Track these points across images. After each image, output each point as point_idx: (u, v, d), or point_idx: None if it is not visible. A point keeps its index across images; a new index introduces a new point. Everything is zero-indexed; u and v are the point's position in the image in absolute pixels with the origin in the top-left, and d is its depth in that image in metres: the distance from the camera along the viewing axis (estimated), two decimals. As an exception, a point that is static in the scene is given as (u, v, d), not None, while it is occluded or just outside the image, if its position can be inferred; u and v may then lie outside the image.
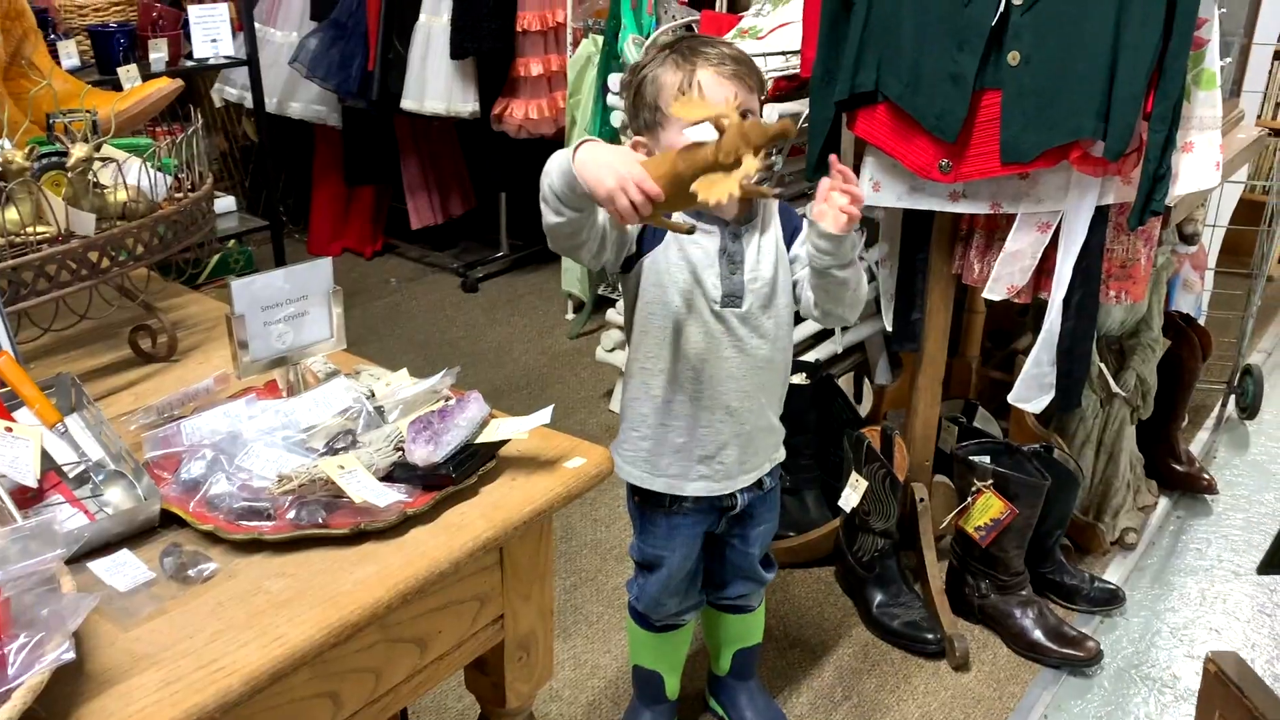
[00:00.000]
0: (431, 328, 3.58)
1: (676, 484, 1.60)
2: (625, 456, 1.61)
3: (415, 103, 3.43)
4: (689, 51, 1.43)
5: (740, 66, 1.42)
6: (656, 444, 1.58)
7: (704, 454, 1.58)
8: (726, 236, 1.49)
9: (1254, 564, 2.44)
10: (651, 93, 1.44)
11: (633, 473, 1.62)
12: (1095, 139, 1.76)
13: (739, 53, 1.45)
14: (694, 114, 1.18)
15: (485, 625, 1.09)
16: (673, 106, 1.27)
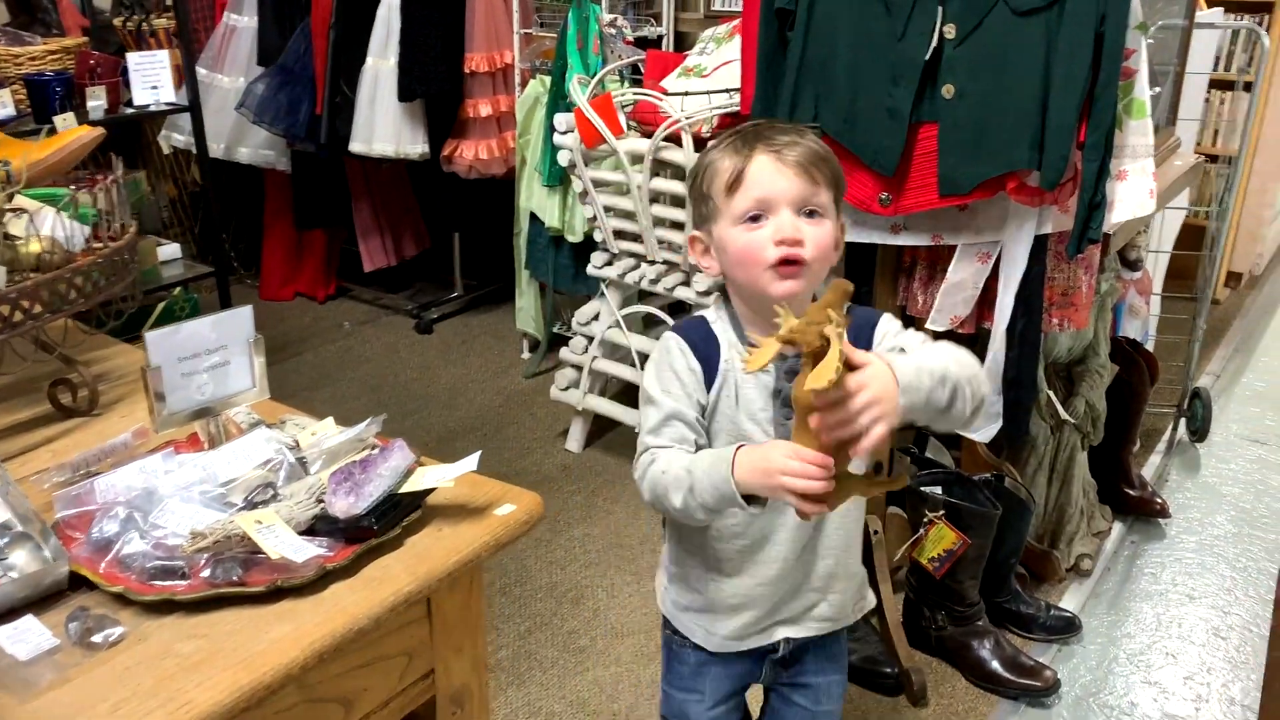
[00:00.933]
0: (385, 370, 3.55)
1: (719, 642, 1.35)
2: (667, 594, 1.39)
3: (364, 145, 3.41)
4: (753, 136, 1.21)
5: (809, 157, 1.18)
6: (707, 602, 1.34)
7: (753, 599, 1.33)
8: (781, 374, 1.22)
9: (1207, 586, 2.45)
10: (707, 180, 1.22)
11: (677, 616, 1.38)
12: (1031, 169, 1.78)
13: (815, 146, 1.20)
14: (763, 360, 1.04)
15: (415, 681, 1.06)
16: (743, 368, 1.15)
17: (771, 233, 1.17)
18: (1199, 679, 2.19)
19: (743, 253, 1.19)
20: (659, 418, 1.21)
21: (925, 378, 1.06)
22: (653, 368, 1.25)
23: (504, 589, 2.44)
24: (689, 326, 1.27)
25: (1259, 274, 4.29)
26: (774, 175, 1.18)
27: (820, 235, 1.18)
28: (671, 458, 1.19)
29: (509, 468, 2.94)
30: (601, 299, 2.90)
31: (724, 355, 1.23)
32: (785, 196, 1.17)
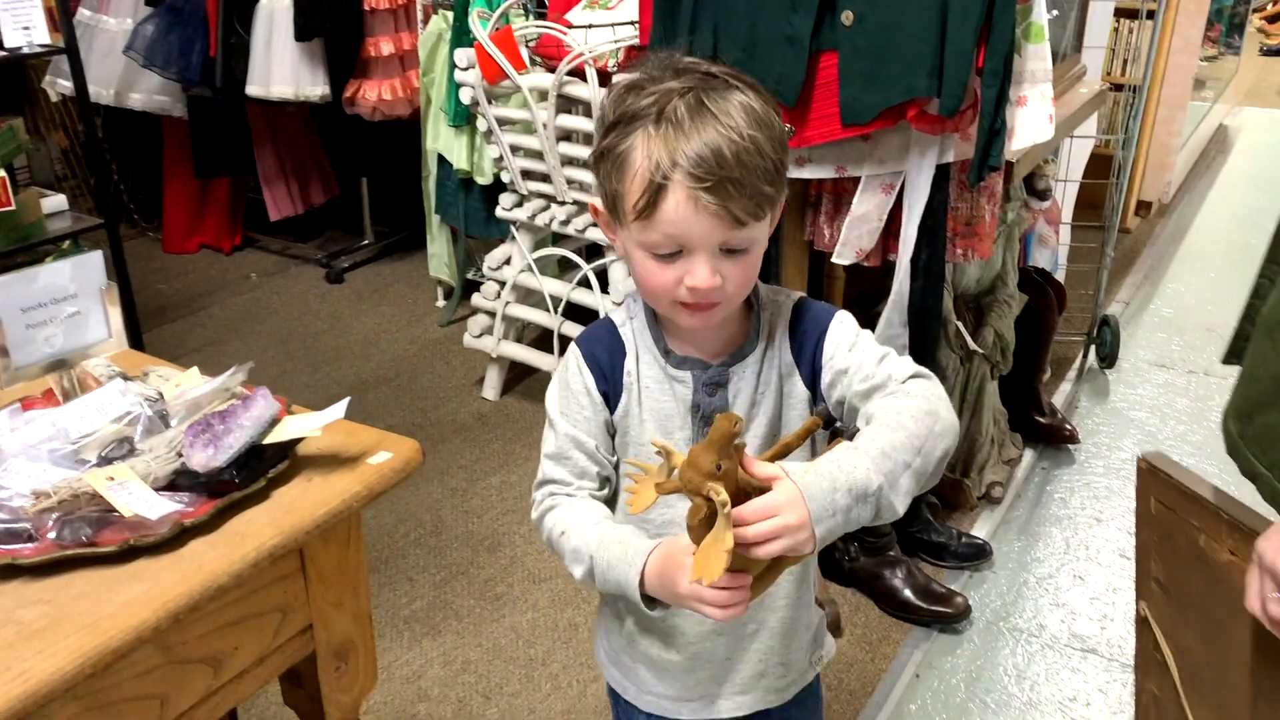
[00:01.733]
0: (294, 323, 3.45)
1: (671, 705, 1.19)
2: (606, 652, 1.24)
3: (261, 88, 3.28)
4: (674, 131, 0.94)
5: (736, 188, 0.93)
6: (629, 645, 1.18)
7: (704, 674, 1.17)
8: (700, 388, 1.06)
9: (1114, 509, 2.50)
10: (615, 176, 0.98)
11: (613, 674, 1.23)
12: (930, 97, 1.76)
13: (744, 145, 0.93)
14: (643, 505, 0.92)
15: (291, 637, 1.02)
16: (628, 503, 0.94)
17: (683, 275, 0.97)
18: (1105, 599, 2.24)
19: (648, 283, 1.01)
20: (556, 444, 1.08)
21: (842, 498, 0.89)
22: (555, 381, 1.11)
23: (418, 540, 2.41)
24: (593, 337, 1.10)
25: (1168, 202, 4.35)
26: (690, 218, 0.94)
27: (743, 270, 0.99)
28: (572, 518, 1.04)
29: (424, 418, 2.88)
30: (512, 242, 2.84)
31: (628, 366, 1.08)
32: (703, 241, 0.96)
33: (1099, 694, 1.99)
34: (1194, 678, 1.17)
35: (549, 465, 1.08)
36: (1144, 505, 1.21)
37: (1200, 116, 4.83)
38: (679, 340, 1.07)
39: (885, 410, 0.97)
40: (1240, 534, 1.02)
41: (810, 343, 1.07)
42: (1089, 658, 2.07)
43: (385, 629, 2.14)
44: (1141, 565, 1.24)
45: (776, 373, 1.07)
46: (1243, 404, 1.04)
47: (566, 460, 1.07)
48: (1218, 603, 1.09)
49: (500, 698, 1.97)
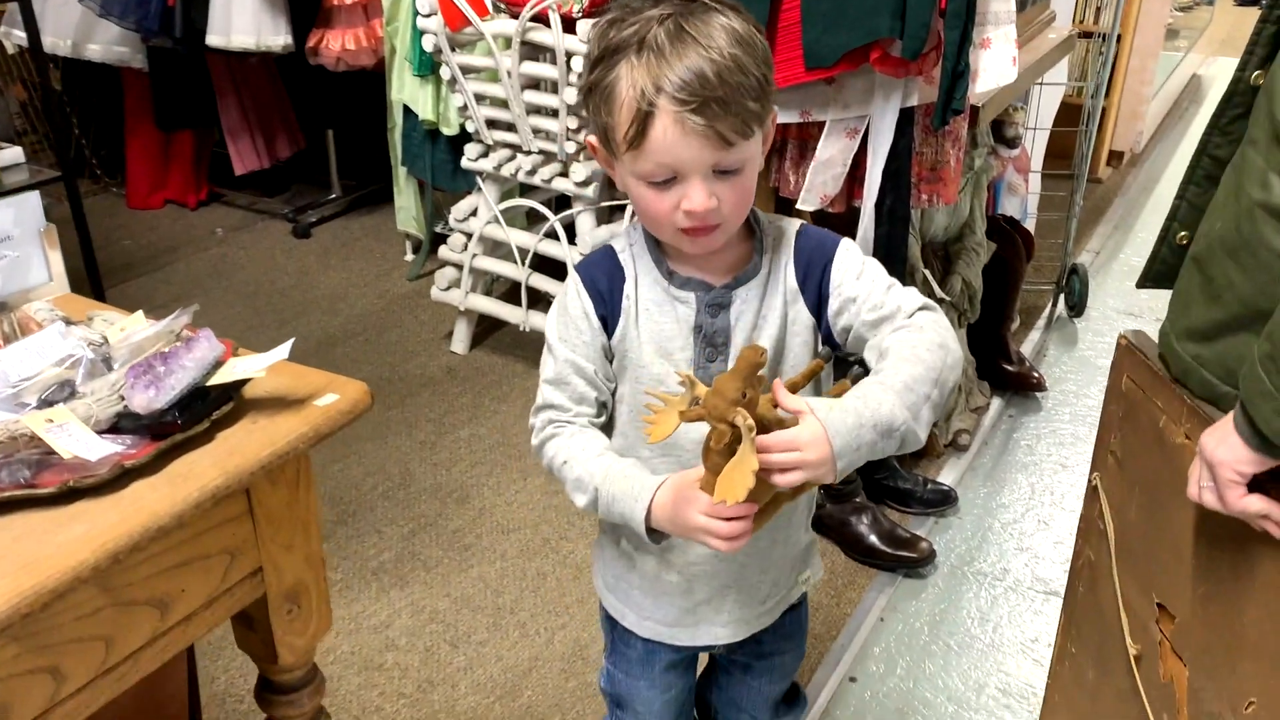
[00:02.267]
0: (261, 278, 3.41)
1: (667, 632, 1.22)
2: (605, 580, 1.26)
3: (221, 38, 3.21)
4: (656, 58, 0.94)
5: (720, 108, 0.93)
6: (627, 570, 1.20)
7: (701, 599, 1.19)
8: (703, 309, 1.06)
9: (1080, 455, 2.53)
10: (604, 109, 0.99)
11: (612, 601, 1.25)
12: (893, 38, 1.74)
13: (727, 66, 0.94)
14: (665, 432, 0.93)
15: (241, 580, 1.01)
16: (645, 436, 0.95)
17: (680, 200, 0.98)
18: (1069, 543, 2.23)
19: (647, 212, 1.02)
20: (555, 370, 1.09)
21: (868, 433, 0.91)
22: (555, 307, 1.12)
23: (387, 493, 2.40)
24: (591, 263, 1.11)
25: (1139, 152, 4.36)
26: (680, 142, 0.95)
27: (738, 192, 1.00)
28: (574, 449, 1.06)
29: (392, 372, 2.87)
30: (479, 193, 2.81)
31: (628, 290, 1.08)
32: (696, 165, 0.96)
33: (1061, 635, 2.02)
34: (1128, 547, 1.23)
35: (548, 390, 1.10)
36: (1116, 380, 1.25)
37: (1173, 66, 4.82)
38: (682, 263, 1.08)
39: (901, 344, 0.99)
40: (1197, 419, 1.06)
41: (817, 269, 1.07)
42: (1051, 600, 2.10)
43: (353, 580, 2.14)
44: (1102, 437, 1.29)
45: (781, 298, 1.07)
46: (1202, 326, 1.05)
47: (565, 385, 1.09)
48: (1164, 482, 1.14)
49: (468, 646, 1.98)
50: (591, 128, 1.05)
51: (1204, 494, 0.99)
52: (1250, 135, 1.01)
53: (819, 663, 1.95)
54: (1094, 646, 1.35)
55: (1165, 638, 1.16)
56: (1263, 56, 1.07)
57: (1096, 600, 1.33)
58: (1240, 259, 0.98)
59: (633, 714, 1.32)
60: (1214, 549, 1.07)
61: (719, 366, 1.07)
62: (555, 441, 1.08)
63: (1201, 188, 1.15)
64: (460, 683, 1.90)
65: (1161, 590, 1.17)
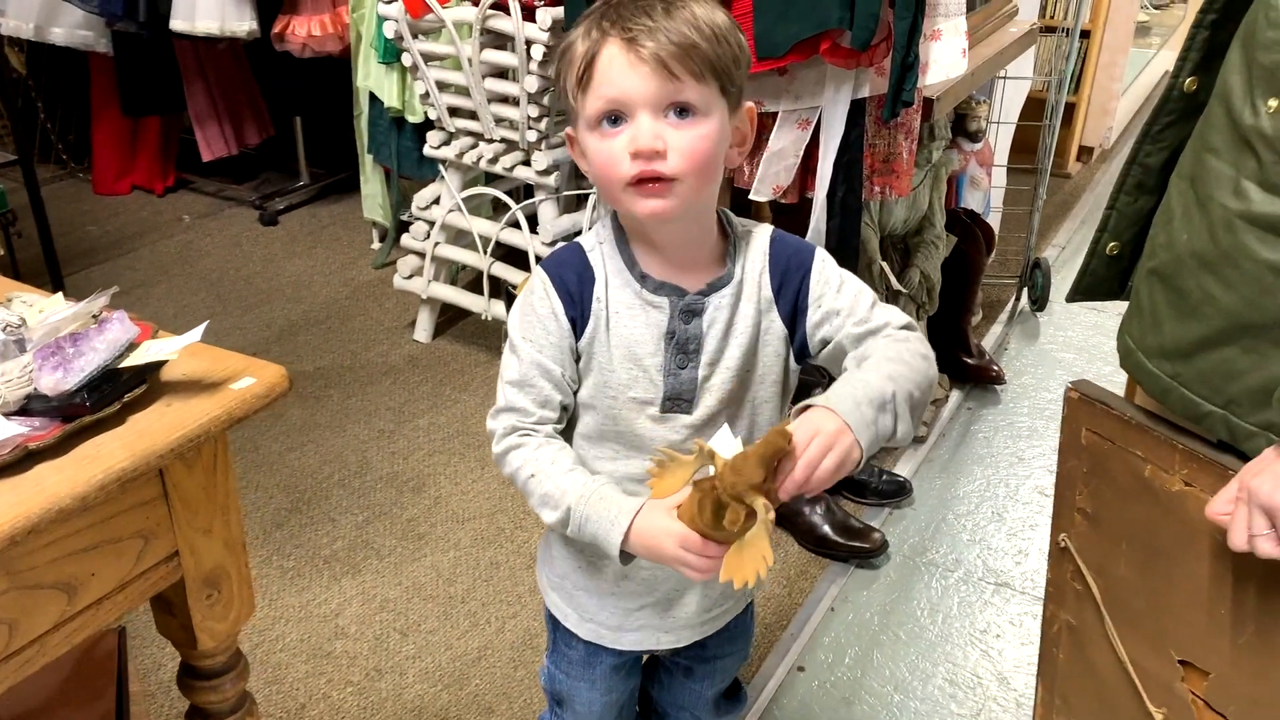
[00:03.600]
0: (226, 265, 3.39)
1: (609, 635, 1.20)
2: (549, 579, 1.23)
3: (186, 23, 3.18)
4: (614, 13, 0.96)
5: (674, 44, 0.93)
6: (573, 570, 1.18)
7: (647, 603, 1.17)
8: (677, 314, 1.04)
9: (1036, 449, 2.54)
10: (563, 70, 1.00)
11: (555, 600, 1.23)
12: (843, 29, 1.74)
13: (686, 29, 0.94)
14: (669, 490, 0.93)
15: (156, 564, 1.01)
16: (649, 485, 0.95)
17: (627, 141, 0.96)
18: (1022, 535, 2.28)
19: (599, 166, 0.99)
20: (520, 371, 1.05)
21: (866, 409, 0.92)
22: (519, 305, 1.07)
23: (342, 481, 2.39)
24: (560, 261, 1.07)
25: (1109, 148, 4.37)
26: (624, 71, 0.94)
27: (692, 141, 0.96)
28: (542, 462, 1.03)
29: (353, 360, 2.86)
30: (441, 181, 2.80)
31: (597, 292, 1.04)
32: (640, 97, 0.94)
33: (1011, 626, 2.03)
34: (1124, 606, 1.16)
35: (511, 392, 1.06)
36: (1072, 436, 1.19)
37: (1145, 63, 4.84)
38: (655, 264, 1.05)
39: (884, 348, 1.00)
40: (1197, 463, 1.00)
41: (794, 279, 1.06)
42: (1002, 591, 2.11)
43: (305, 568, 2.14)
44: (1064, 496, 1.23)
45: (754, 306, 1.05)
46: (1179, 343, 1.00)
47: (530, 388, 1.05)
48: (1163, 533, 1.07)
49: (418, 635, 1.98)
50: (568, 114, 1.04)
51: (1258, 543, 0.91)
52: (1206, 143, 0.98)
53: (768, 652, 1.96)
54: (1094, 716, 1.27)
55: (1198, 696, 1.08)
56: (1195, 62, 1.05)
57: (1089, 666, 1.25)
58: (1220, 272, 0.94)
59: (572, 713, 1.30)
60: (1252, 593, 0.99)
61: (689, 374, 1.05)
62: (520, 452, 1.05)
63: (1132, 196, 1.13)
64: (408, 671, 1.90)
65: (1184, 647, 1.09)
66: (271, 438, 2.51)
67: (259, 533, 2.23)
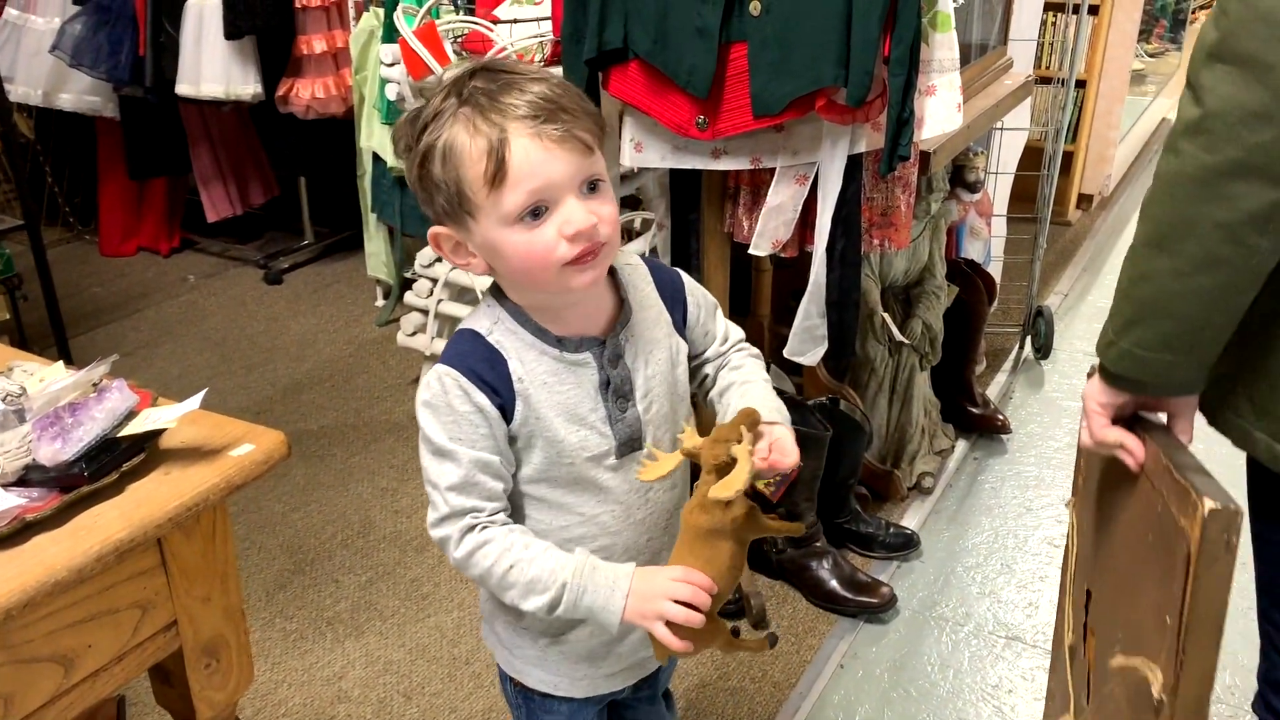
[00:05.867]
0: (230, 324, 3.41)
1: (590, 684, 1.20)
2: (526, 657, 1.19)
3: (191, 87, 3.23)
4: (487, 101, 0.94)
5: (568, 119, 0.95)
6: (560, 655, 1.17)
7: (628, 649, 1.18)
8: (605, 363, 1.05)
9: (1044, 499, 2.52)
10: (447, 170, 0.96)
11: (540, 676, 1.19)
12: (838, 86, 1.76)
13: (557, 94, 0.96)
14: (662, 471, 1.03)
15: (154, 634, 1.00)
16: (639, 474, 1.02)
17: (560, 227, 0.96)
18: (1032, 587, 2.25)
19: (528, 258, 0.97)
20: (461, 474, 1.01)
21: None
22: (428, 411, 1.02)
23: (346, 541, 2.38)
24: (463, 354, 1.03)
25: (1108, 195, 4.39)
26: (545, 160, 0.93)
27: (609, 209, 0.99)
28: (519, 550, 1.01)
29: (357, 418, 2.85)
30: (444, 239, 2.81)
31: (515, 371, 1.02)
32: (566, 181, 0.95)
33: (1023, 681, 2.00)
34: (1082, 560, 1.30)
35: (455, 498, 1.02)
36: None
37: (1141, 111, 4.88)
38: (563, 324, 1.05)
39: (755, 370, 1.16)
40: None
41: (679, 302, 1.14)
42: (1013, 645, 2.08)
43: (308, 630, 2.12)
44: (1078, 463, 1.31)
45: (661, 330, 1.10)
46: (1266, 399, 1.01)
47: (475, 487, 1.02)
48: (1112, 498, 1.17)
49: (421, 697, 1.95)
50: (433, 213, 1.01)
51: (1081, 434, 1.10)
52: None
53: (777, 710, 1.92)
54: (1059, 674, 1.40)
55: (1086, 618, 1.24)
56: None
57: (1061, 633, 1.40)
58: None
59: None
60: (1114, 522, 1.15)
61: (631, 414, 1.07)
62: (489, 548, 1.01)
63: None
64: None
65: (1090, 578, 1.25)
66: (275, 498, 2.50)
67: (262, 595, 2.21)
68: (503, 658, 1.22)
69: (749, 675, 1.99)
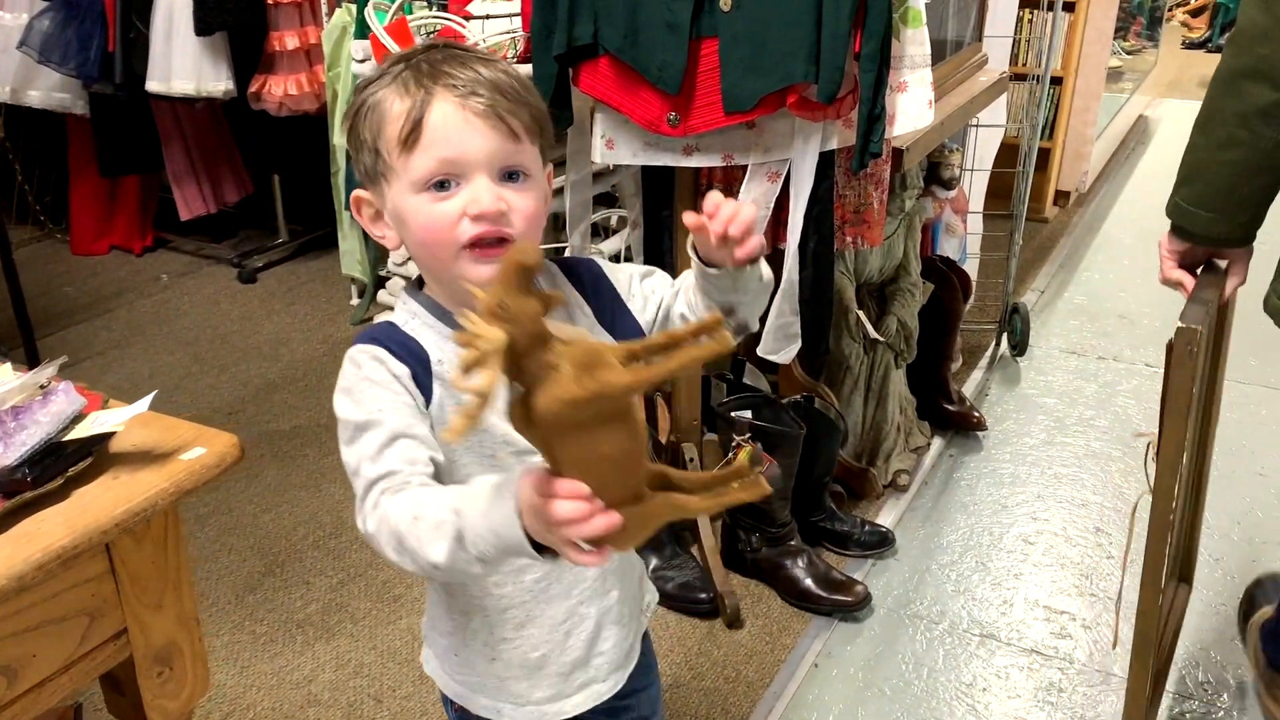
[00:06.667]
0: (203, 323, 3.37)
1: (536, 711, 1.11)
2: (468, 684, 1.12)
3: (162, 84, 3.20)
4: (428, 68, 0.92)
5: (504, 100, 0.92)
6: (504, 666, 1.09)
7: (577, 657, 1.11)
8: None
9: (1019, 496, 2.52)
10: (370, 126, 0.94)
11: (484, 704, 1.12)
12: (809, 82, 1.75)
13: (509, 81, 0.94)
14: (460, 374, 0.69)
15: (103, 642, 0.98)
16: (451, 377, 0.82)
17: (464, 204, 0.91)
18: (1006, 585, 2.24)
19: (427, 231, 0.93)
20: (376, 442, 0.92)
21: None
22: (342, 396, 0.96)
23: (317, 542, 2.35)
24: (374, 337, 0.98)
25: (1085, 191, 4.40)
26: (462, 130, 0.90)
27: (527, 204, 0.94)
28: (419, 497, 0.87)
29: (330, 418, 2.79)
30: (417, 237, 2.79)
31: (435, 356, 0.96)
32: (480, 156, 0.91)
33: (997, 679, 1.99)
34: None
35: (370, 467, 0.91)
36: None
37: (1118, 108, 4.89)
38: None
39: None
40: None
41: (601, 285, 1.05)
42: (987, 643, 2.08)
43: (278, 634, 2.09)
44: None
45: (582, 323, 1.02)
46: None
47: (392, 452, 0.91)
48: None
49: (392, 700, 1.93)
50: (360, 174, 0.97)
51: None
52: None
53: (751, 711, 1.91)
54: None
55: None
56: None
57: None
58: None
59: None
60: None
61: None
62: (394, 509, 0.87)
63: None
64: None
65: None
66: (246, 499, 2.47)
67: (231, 597, 2.19)
68: (446, 684, 1.15)
69: (723, 675, 1.98)
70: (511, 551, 0.81)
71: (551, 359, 0.68)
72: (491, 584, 1.04)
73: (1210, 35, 6.91)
